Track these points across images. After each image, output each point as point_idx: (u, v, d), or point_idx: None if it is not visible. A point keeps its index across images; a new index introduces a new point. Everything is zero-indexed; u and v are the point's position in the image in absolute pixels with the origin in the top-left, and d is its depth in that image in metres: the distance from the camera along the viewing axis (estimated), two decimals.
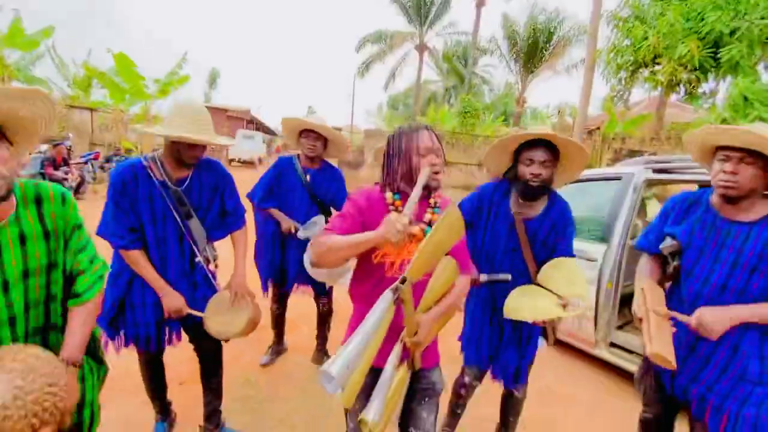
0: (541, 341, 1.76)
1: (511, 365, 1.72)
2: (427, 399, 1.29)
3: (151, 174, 1.56)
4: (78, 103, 11.93)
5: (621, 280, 2.59)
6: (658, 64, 7.39)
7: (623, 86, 8.67)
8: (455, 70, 21.87)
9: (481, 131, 13.79)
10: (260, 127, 29.50)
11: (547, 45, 14.94)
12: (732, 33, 6.19)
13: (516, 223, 1.65)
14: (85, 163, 8.46)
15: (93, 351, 1.21)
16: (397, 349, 1.11)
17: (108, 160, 9.01)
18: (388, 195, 1.23)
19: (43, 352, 0.93)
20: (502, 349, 1.73)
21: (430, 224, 1.20)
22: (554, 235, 1.64)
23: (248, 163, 17.06)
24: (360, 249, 1.10)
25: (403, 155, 1.20)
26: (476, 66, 22.82)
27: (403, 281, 0.99)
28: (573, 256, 1.60)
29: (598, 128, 11.87)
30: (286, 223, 2.34)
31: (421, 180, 1.12)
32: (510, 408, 1.86)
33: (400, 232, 0.99)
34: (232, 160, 16.66)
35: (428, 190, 1.19)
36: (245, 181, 2.42)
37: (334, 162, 2.69)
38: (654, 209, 3.62)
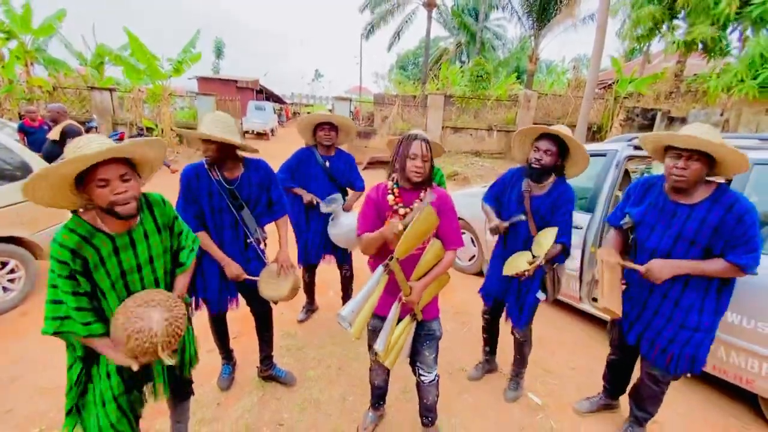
0: (541, 294, 2.12)
1: (512, 308, 2.20)
2: (428, 342, 1.74)
3: (210, 174, 1.96)
4: (90, 82, 12.21)
5: (602, 245, 2.92)
6: (676, 18, 7.15)
7: (639, 44, 8.39)
8: (466, 25, 20.94)
9: (493, 91, 13.47)
10: (269, 95, 29.33)
11: None
12: None
13: (524, 198, 2.06)
14: None
15: (188, 313, 1.67)
16: (397, 304, 1.59)
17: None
18: (389, 183, 1.64)
19: (169, 294, 1.32)
20: (507, 295, 2.21)
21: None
22: (552, 212, 2.01)
23: (261, 135, 17.07)
24: (378, 242, 1.57)
25: (400, 157, 1.57)
26: (488, 20, 21.80)
27: (391, 259, 1.47)
28: (563, 227, 1.95)
29: (615, 83, 11.51)
30: (308, 196, 2.75)
31: (422, 201, 1.56)
32: (516, 346, 2.32)
33: (395, 234, 1.47)
34: (246, 132, 16.69)
35: (416, 184, 1.57)
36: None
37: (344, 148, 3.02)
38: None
